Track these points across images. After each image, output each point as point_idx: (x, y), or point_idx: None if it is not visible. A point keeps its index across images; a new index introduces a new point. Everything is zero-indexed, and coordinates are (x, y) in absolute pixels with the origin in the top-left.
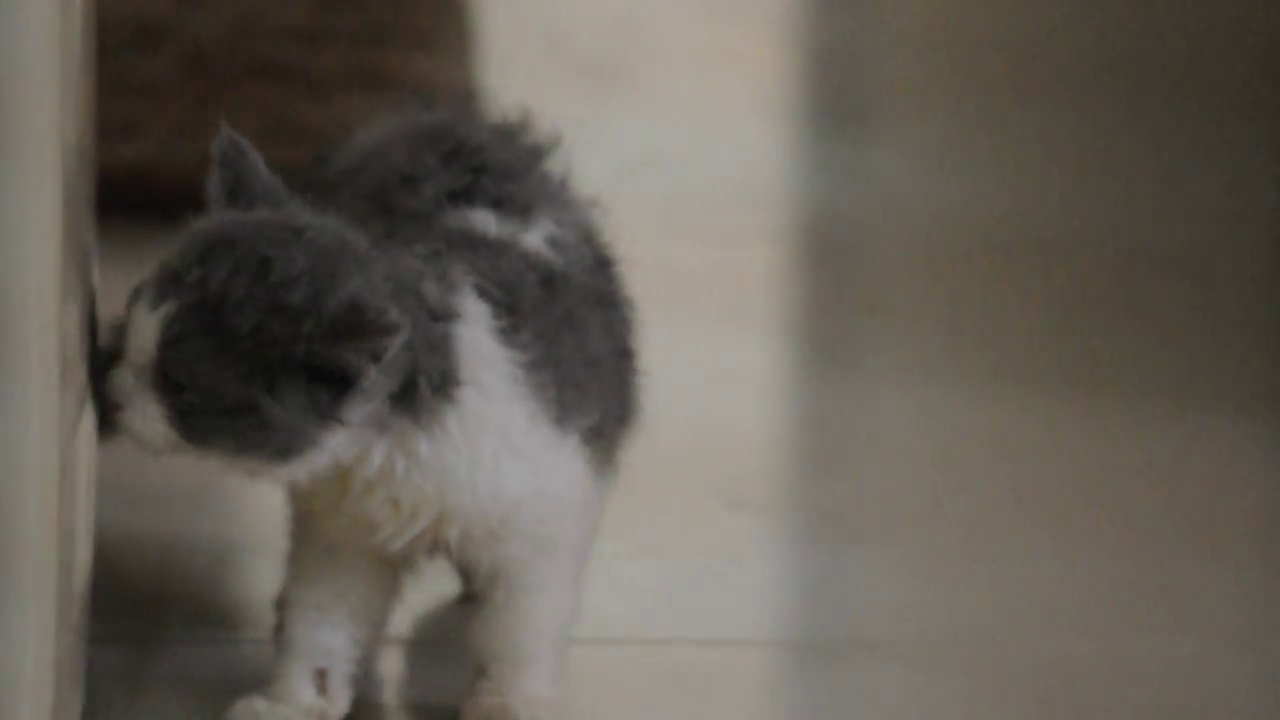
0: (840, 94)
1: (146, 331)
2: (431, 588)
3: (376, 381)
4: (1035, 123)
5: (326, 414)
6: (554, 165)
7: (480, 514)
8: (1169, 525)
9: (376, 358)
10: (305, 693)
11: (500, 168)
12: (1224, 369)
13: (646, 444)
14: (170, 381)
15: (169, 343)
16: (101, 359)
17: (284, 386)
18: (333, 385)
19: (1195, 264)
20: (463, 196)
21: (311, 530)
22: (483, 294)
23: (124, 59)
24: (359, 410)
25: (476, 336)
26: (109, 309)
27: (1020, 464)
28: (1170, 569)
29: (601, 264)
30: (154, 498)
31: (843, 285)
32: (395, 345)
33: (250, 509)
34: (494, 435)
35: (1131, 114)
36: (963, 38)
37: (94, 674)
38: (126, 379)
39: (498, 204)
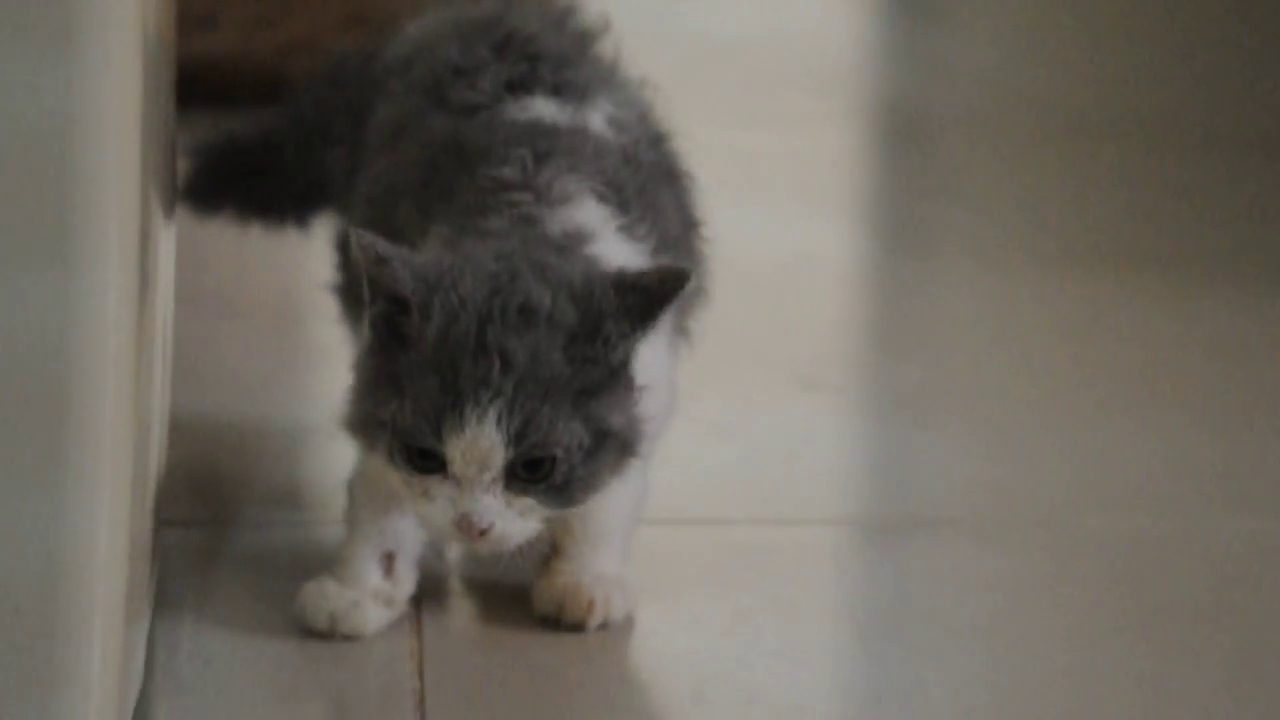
0: None
1: (486, 444)
2: None
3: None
4: (1112, 9)
5: (631, 389)
6: (604, 48)
7: None
8: (1235, 404)
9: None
10: (372, 575)
11: (554, 54)
12: None
13: (721, 325)
14: (534, 471)
15: (520, 437)
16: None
17: (603, 393)
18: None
19: (1266, 146)
20: (520, 85)
21: None
22: (601, 199)
23: None
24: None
25: (609, 241)
26: None
27: (1088, 346)
28: (1235, 447)
29: (659, 139)
30: (225, 382)
31: (916, 171)
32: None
33: (320, 393)
34: None
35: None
36: None
37: (167, 554)
38: (485, 501)
39: (556, 90)
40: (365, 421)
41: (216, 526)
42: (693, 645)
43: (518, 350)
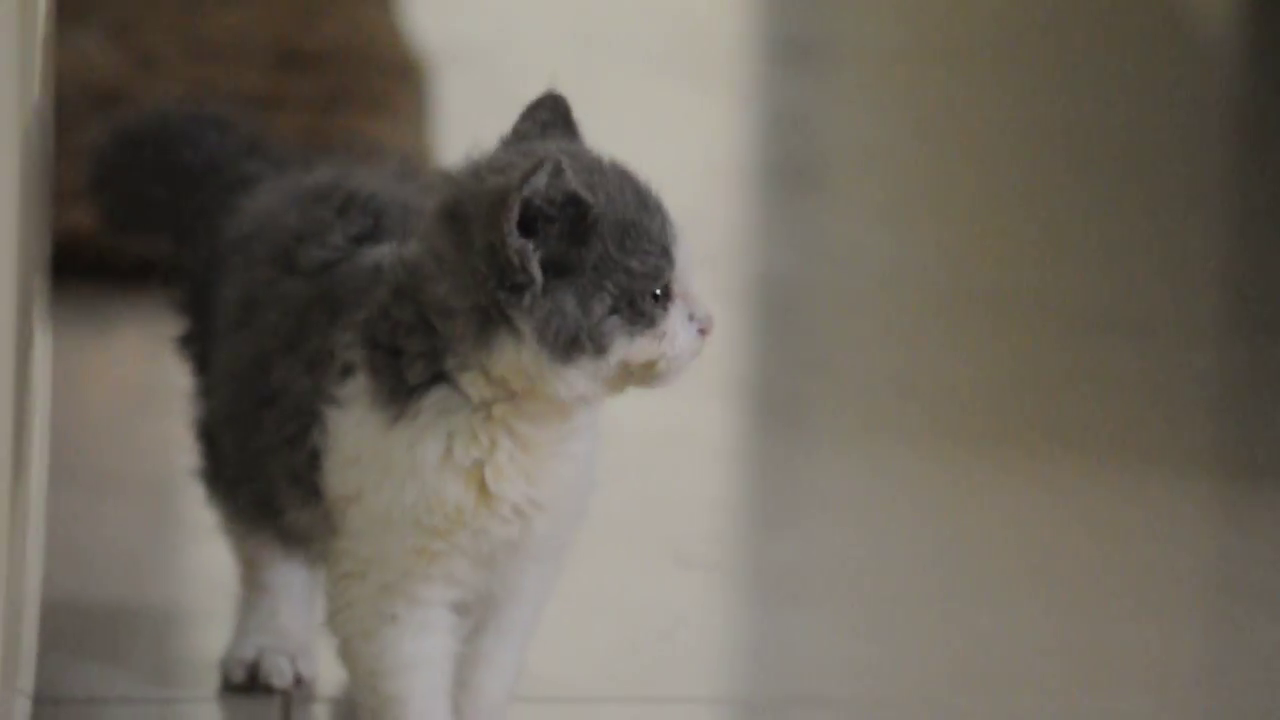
0: (790, 156)
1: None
2: None
3: None
4: (983, 187)
5: None
6: None
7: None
8: (1109, 584)
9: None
10: None
11: (397, 206)
12: (1163, 429)
13: (597, 502)
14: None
15: None
16: None
17: None
18: None
19: (1135, 325)
20: (365, 240)
21: (402, 602)
22: None
23: (79, 127)
24: None
25: None
26: (64, 369)
27: (963, 523)
28: (1108, 627)
29: None
30: (100, 559)
31: (791, 347)
32: None
33: (193, 574)
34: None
35: (1078, 181)
36: (913, 102)
37: None
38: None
39: (406, 237)
40: (595, 329)
41: (88, 704)
42: None
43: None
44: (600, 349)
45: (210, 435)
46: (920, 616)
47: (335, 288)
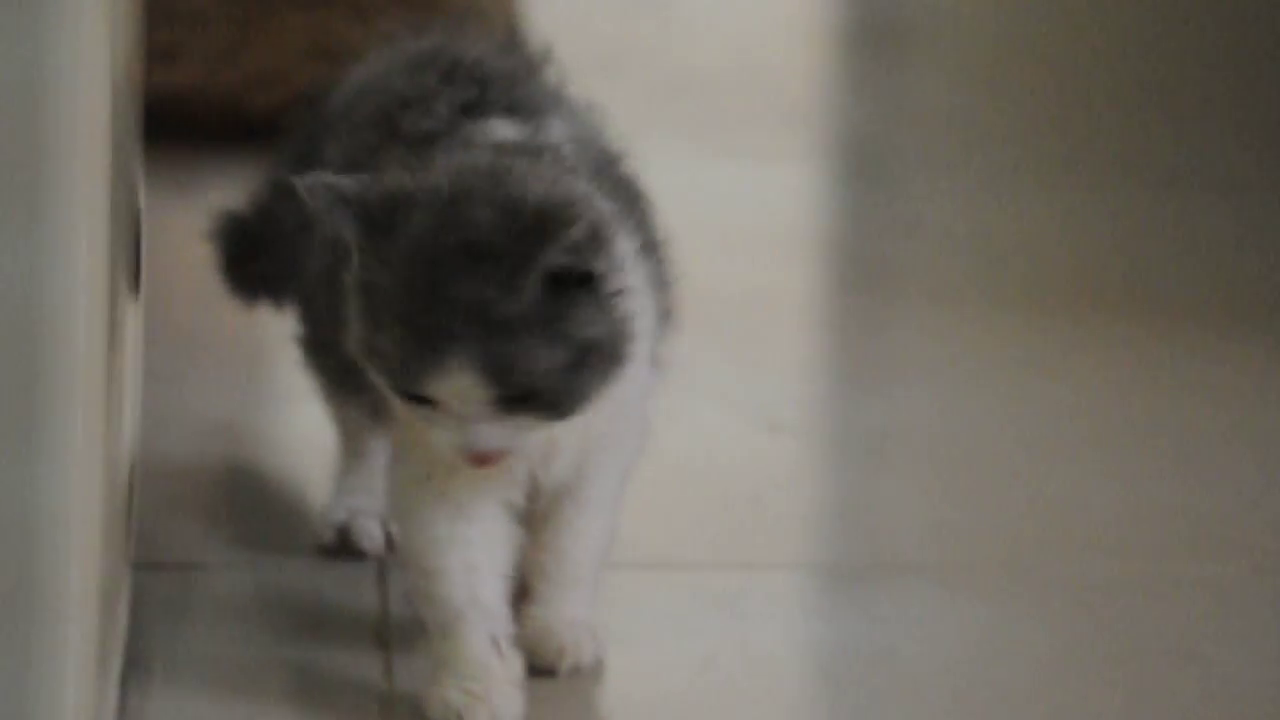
0: (876, 16)
1: (469, 389)
2: None
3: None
4: (1075, 50)
5: (607, 297)
6: (550, 72)
7: (600, 423)
8: (1203, 446)
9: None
10: (493, 665)
11: (503, 75)
12: (1254, 289)
13: (685, 366)
14: (522, 398)
15: (500, 378)
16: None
17: (574, 310)
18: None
19: (1226, 184)
20: (474, 108)
21: (440, 488)
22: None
23: None
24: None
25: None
26: (154, 230)
27: (1054, 387)
28: (1202, 489)
29: (615, 159)
30: (192, 424)
31: (879, 208)
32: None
33: (287, 437)
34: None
35: (1166, 38)
36: None
37: (137, 597)
38: (484, 430)
39: (510, 110)
40: (367, 348)
41: (185, 569)
42: (661, 690)
43: (476, 293)
44: (373, 370)
45: (308, 300)
46: (1008, 481)
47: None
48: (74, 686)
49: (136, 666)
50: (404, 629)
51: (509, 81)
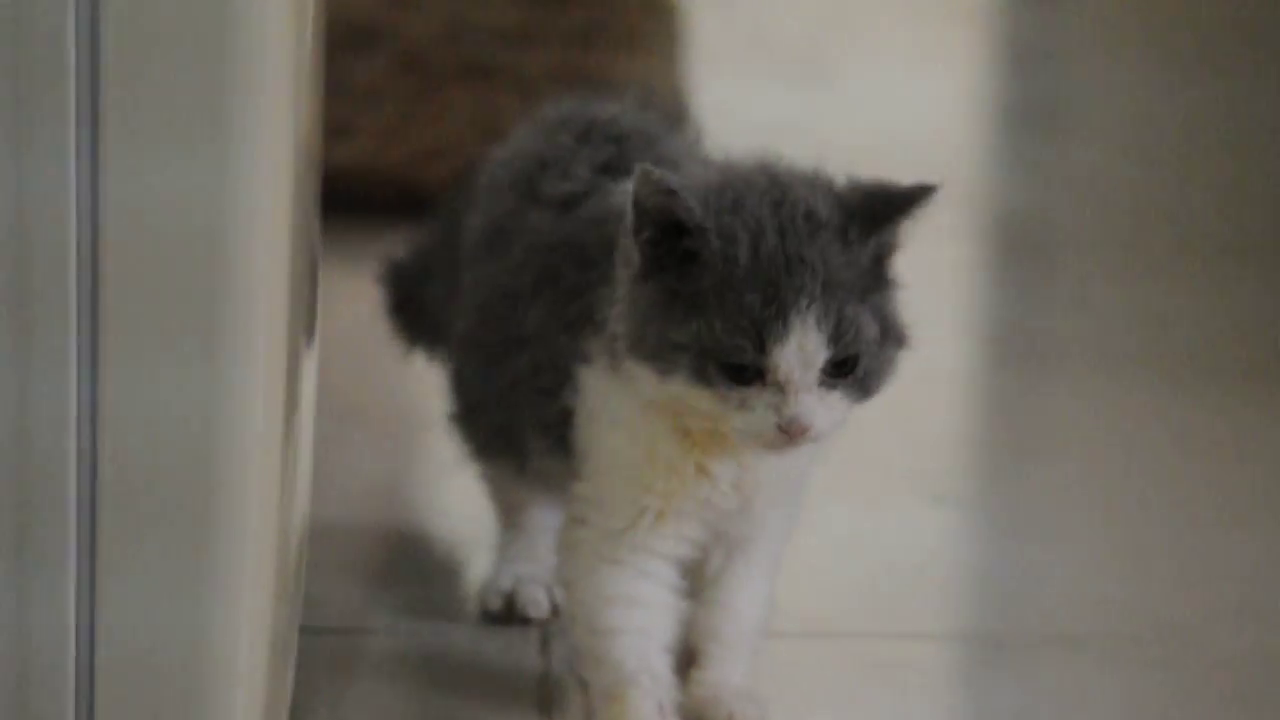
0: (1036, 93)
1: (811, 348)
2: None
3: None
4: (1228, 123)
5: (895, 286)
6: (687, 131)
7: (803, 462)
8: None
9: None
10: None
11: (639, 134)
12: None
13: (847, 438)
14: (841, 368)
15: (836, 337)
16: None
17: (878, 289)
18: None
19: None
20: (610, 170)
21: (620, 547)
22: None
23: (339, 61)
24: None
25: None
26: (324, 301)
27: (1215, 460)
28: None
29: None
30: (362, 490)
31: (1041, 282)
32: None
33: (445, 505)
34: None
35: None
36: (1156, 37)
37: (303, 660)
38: (808, 401)
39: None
40: (659, 347)
41: (350, 634)
42: None
43: (818, 257)
44: (662, 371)
45: (458, 373)
46: (1172, 552)
47: (582, 232)
48: None
49: None
50: (566, 695)
51: (646, 139)
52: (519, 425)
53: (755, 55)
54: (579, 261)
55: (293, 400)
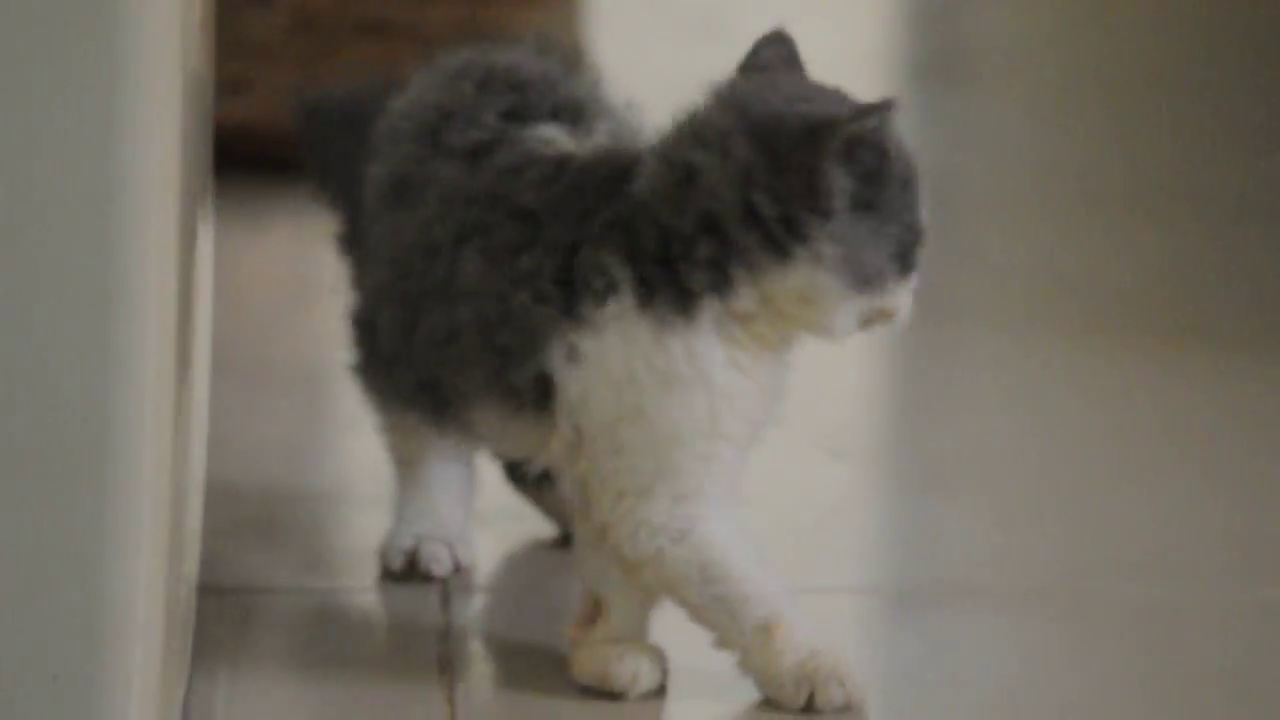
0: (938, 50)
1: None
2: (519, 535)
3: None
4: (1127, 81)
5: None
6: (586, 75)
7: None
8: (1255, 472)
9: None
10: (820, 639)
11: (540, 80)
12: None
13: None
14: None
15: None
16: None
17: None
18: None
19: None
20: (515, 117)
21: (704, 492)
22: None
23: (237, 17)
24: None
25: None
26: (221, 261)
27: (1109, 414)
28: (1255, 514)
29: None
30: (255, 451)
31: (944, 237)
32: None
33: (349, 464)
34: None
35: (1223, 73)
36: None
37: (202, 621)
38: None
39: (554, 115)
40: (880, 269)
41: (249, 594)
42: (725, 712)
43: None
44: (880, 289)
45: (365, 324)
46: (1070, 506)
47: (504, 182)
48: (138, 711)
49: (200, 691)
50: (466, 652)
51: (547, 85)
52: (453, 381)
53: (654, 14)
54: (514, 214)
55: (185, 356)
